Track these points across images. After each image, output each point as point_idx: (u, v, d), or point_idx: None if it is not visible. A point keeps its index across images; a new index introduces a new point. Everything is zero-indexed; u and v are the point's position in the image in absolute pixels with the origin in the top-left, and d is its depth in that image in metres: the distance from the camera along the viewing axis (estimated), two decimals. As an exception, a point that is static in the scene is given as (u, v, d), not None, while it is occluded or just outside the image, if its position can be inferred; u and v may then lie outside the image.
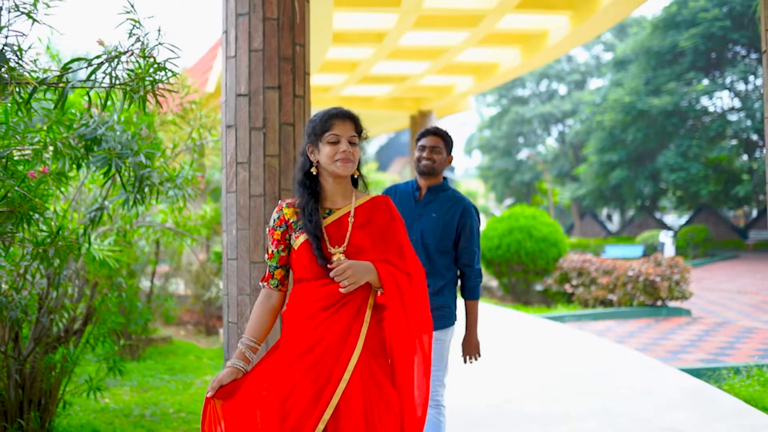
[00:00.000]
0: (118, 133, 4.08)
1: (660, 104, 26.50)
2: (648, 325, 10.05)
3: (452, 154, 3.87)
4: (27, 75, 3.06)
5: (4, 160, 3.09)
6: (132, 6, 3.22)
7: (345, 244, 2.55)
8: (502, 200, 42.31)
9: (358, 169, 2.68)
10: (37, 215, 3.52)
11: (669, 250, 20.65)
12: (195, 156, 5.67)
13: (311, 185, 2.63)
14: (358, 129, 2.63)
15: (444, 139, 3.80)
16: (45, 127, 4.14)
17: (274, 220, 2.68)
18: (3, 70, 3.02)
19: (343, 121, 2.58)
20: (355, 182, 2.72)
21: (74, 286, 5.25)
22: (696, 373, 6.62)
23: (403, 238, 2.68)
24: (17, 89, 3.20)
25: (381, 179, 32.08)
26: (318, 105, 11.80)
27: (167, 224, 6.88)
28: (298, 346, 2.52)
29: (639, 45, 28.52)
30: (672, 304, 11.25)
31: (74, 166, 4.07)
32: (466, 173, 61.09)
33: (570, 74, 39.68)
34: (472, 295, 3.72)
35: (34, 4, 3.11)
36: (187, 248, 10.21)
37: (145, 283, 9.80)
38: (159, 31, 3.29)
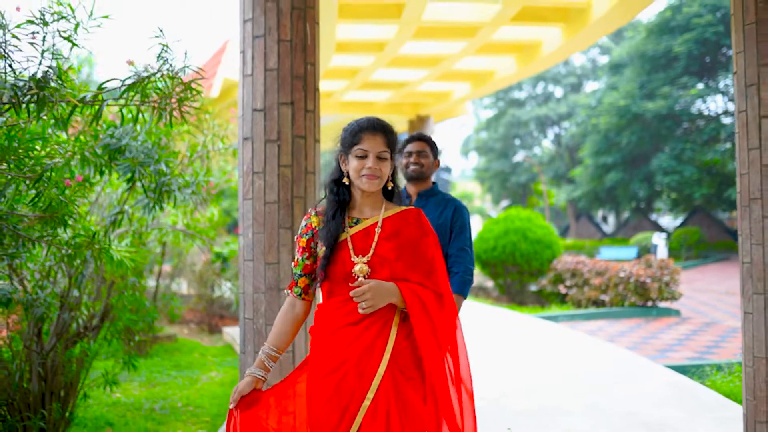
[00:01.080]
0: (140, 142, 4.40)
1: (654, 108, 26.84)
2: (638, 324, 10.38)
3: (439, 158, 3.95)
4: (67, 94, 3.39)
5: (48, 172, 3.41)
6: (161, 31, 3.55)
7: (370, 254, 2.49)
8: (498, 202, 42.56)
9: (393, 180, 2.62)
10: (71, 220, 3.85)
11: (662, 252, 20.97)
12: (205, 161, 5.98)
13: (339, 192, 2.57)
14: (390, 143, 2.55)
15: (429, 143, 3.88)
16: (72, 138, 4.47)
17: (302, 228, 2.62)
18: (46, 91, 3.35)
19: (373, 134, 2.51)
20: (389, 194, 2.65)
21: (95, 284, 5.57)
22: (681, 370, 6.96)
23: (435, 253, 2.58)
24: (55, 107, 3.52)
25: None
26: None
27: (178, 226, 7.21)
28: (324, 365, 2.47)
29: (634, 49, 28.84)
30: (662, 304, 11.58)
31: (98, 173, 4.40)
32: (462, 175, 61.33)
33: (566, 77, 39.97)
34: (456, 288, 3.69)
35: (75, 29, 3.43)
36: (192, 248, 10.52)
37: (150, 283, 10.10)
38: (186, 54, 3.62)
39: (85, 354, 5.29)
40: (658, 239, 21.67)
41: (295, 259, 2.63)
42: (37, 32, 3.40)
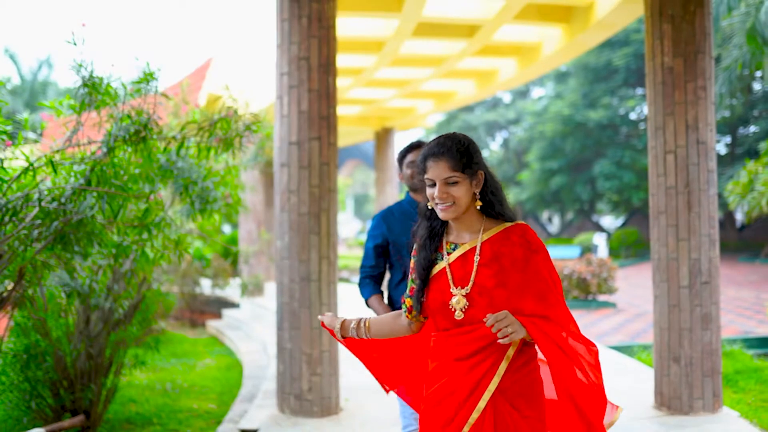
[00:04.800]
0: (189, 164, 5.60)
1: (596, 117, 28.68)
2: (579, 315, 11.77)
3: None
4: (166, 135, 4.59)
5: (150, 192, 4.61)
6: (228, 87, 4.78)
7: (469, 285, 2.27)
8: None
9: (486, 195, 2.35)
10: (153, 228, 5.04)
11: (603, 251, 22.65)
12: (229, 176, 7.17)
13: (432, 217, 2.39)
14: (458, 165, 2.26)
15: None
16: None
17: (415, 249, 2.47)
18: (149, 131, 4.55)
19: (436, 161, 2.27)
20: (488, 209, 2.38)
21: (136, 280, 6.68)
22: (615, 349, 8.42)
23: (548, 273, 2.29)
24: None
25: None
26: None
27: (191, 229, 8.35)
28: (435, 394, 2.34)
29: (577, 61, 30.61)
30: (600, 298, 13.09)
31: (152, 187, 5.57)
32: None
33: (514, 84, 41.59)
34: None
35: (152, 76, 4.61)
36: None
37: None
38: (247, 104, 4.85)
39: (123, 338, 6.32)
40: (599, 239, 23.39)
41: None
42: (140, 89, 4.61)
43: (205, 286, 14.70)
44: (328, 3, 5.39)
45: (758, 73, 20.53)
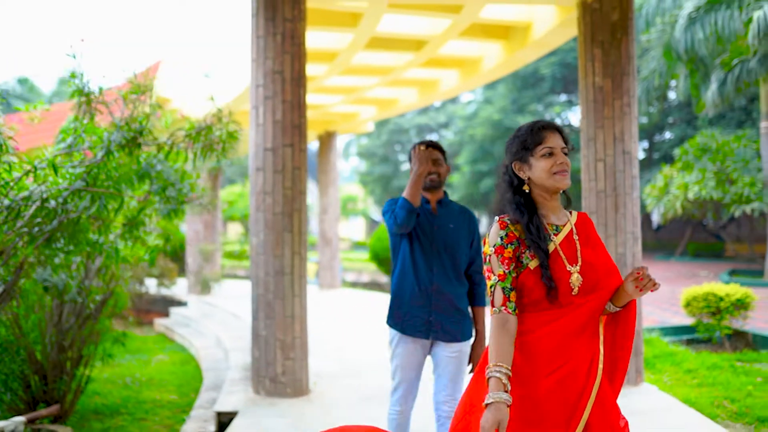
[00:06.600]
0: (167, 167, 6.04)
1: (524, 122, 29.88)
2: (513, 309, 12.66)
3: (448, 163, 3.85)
4: (157, 140, 5.06)
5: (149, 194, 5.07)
6: (213, 98, 5.28)
7: (579, 262, 2.41)
8: (381, 204, 44.57)
9: None
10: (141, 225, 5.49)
11: (531, 251, 23.67)
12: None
13: (525, 203, 2.45)
14: (566, 140, 2.47)
15: (441, 150, 3.78)
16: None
17: (502, 238, 2.40)
18: (143, 138, 5.02)
19: (553, 132, 2.44)
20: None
21: (108, 275, 7.04)
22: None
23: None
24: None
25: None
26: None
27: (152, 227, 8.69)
28: (546, 367, 2.38)
29: (506, 68, 31.77)
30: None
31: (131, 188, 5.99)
32: (341, 177, 63.14)
33: (444, 89, 42.51)
34: (484, 301, 3.66)
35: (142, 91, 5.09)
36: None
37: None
38: (230, 113, 5.35)
39: (97, 330, 6.65)
40: (527, 239, 24.40)
41: (501, 273, 2.39)
42: (134, 99, 5.07)
43: (150, 285, 14.92)
44: (299, 22, 5.95)
45: (673, 83, 22.01)
